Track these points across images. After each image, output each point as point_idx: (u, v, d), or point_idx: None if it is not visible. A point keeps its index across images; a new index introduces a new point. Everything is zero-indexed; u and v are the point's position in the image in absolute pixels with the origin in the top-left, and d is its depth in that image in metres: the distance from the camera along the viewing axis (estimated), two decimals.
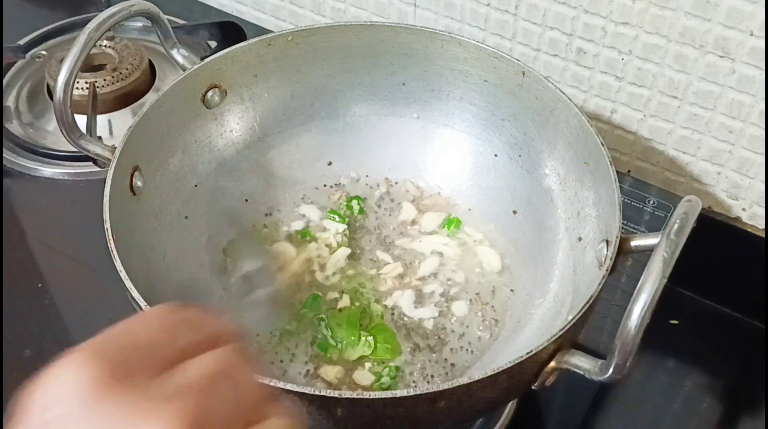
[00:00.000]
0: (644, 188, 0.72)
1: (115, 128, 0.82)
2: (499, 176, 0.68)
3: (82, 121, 0.60)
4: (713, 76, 0.64)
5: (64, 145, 0.64)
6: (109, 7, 0.60)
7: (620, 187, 0.54)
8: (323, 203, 0.70)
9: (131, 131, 0.58)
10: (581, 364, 0.47)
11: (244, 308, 0.63)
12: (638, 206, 0.71)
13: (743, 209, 0.70)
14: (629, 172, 0.74)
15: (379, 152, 0.72)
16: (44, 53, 0.90)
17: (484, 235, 0.68)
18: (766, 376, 0.65)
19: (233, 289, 0.64)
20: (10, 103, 0.85)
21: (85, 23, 0.59)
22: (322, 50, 0.68)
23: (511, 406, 0.61)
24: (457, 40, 0.65)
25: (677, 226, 0.46)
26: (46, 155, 0.79)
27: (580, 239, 0.60)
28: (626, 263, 0.61)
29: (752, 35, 0.60)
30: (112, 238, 0.51)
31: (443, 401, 0.45)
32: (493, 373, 0.45)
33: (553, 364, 0.48)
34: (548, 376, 0.48)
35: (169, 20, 0.65)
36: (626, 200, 0.70)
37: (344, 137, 0.72)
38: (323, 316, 0.62)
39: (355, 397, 0.44)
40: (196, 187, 0.66)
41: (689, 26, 0.62)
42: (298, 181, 0.71)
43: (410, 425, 0.47)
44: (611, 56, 0.68)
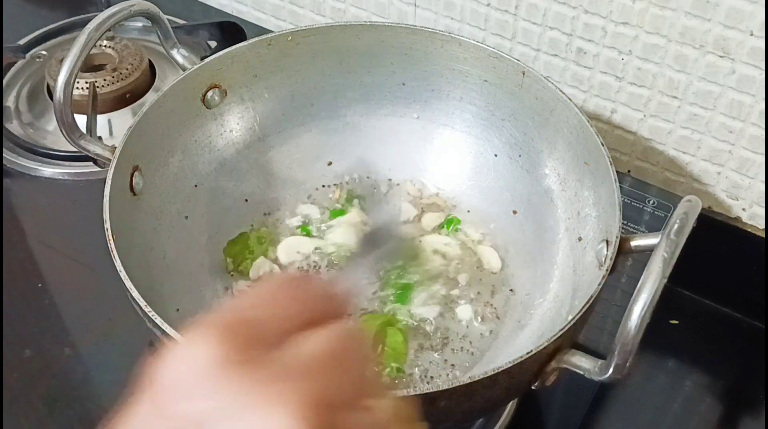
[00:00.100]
0: (644, 188, 0.72)
1: (115, 128, 0.82)
2: (499, 176, 0.68)
3: (82, 121, 0.60)
4: (713, 76, 0.64)
5: (64, 145, 0.64)
6: (109, 7, 0.60)
7: (620, 187, 0.54)
8: (323, 203, 0.70)
9: (131, 131, 0.58)
10: (581, 364, 0.47)
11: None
12: (638, 206, 0.71)
13: (743, 209, 0.70)
14: (629, 172, 0.74)
15: (379, 152, 0.72)
16: (44, 53, 0.90)
17: (483, 235, 0.68)
18: (766, 376, 0.65)
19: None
20: (10, 103, 0.85)
21: (85, 23, 0.59)
22: (322, 50, 0.68)
23: (511, 406, 0.61)
24: (457, 40, 0.65)
25: (677, 226, 0.46)
26: (46, 155, 0.79)
27: (580, 239, 0.60)
28: (626, 263, 0.61)
29: (752, 35, 0.60)
30: (112, 238, 0.51)
31: (443, 401, 0.45)
32: (493, 373, 0.45)
33: (553, 364, 0.48)
34: (548, 376, 0.48)
35: (169, 20, 0.65)
36: (626, 200, 0.70)
37: (344, 137, 0.72)
38: None
39: None
40: (196, 187, 0.66)
41: (689, 26, 0.62)
42: (298, 181, 0.71)
43: None
44: (611, 56, 0.68)
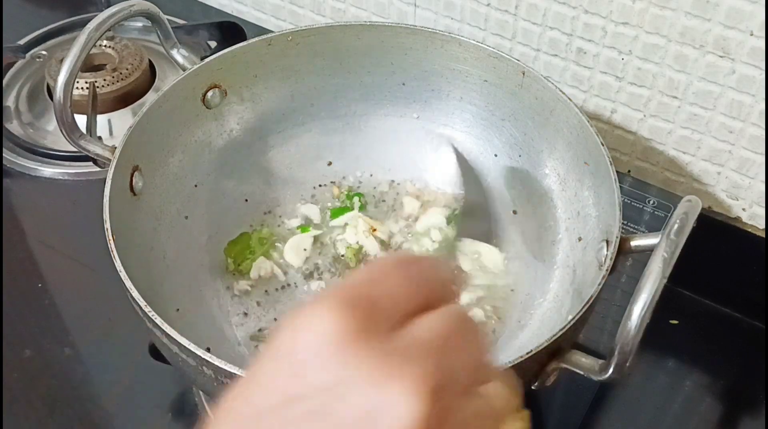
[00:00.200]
0: (644, 188, 0.72)
1: (115, 128, 0.82)
2: (499, 176, 0.68)
3: (82, 121, 0.60)
4: (713, 76, 0.64)
5: (64, 145, 0.64)
6: (109, 7, 0.60)
7: (620, 187, 0.54)
8: (324, 203, 0.70)
9: (131, 131, 0.58)
10: (581, 364, 0.47)
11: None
12: (638, 206, 0.71)
13: (743, 209, 0.70)
14: (629, 172, 0.74)
15: (379, 152, 0.72)
16: (44, 53, 0.90)
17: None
18: (766, 376, 0.65)
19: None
20: (10, 103, 0.85)
21: (85, 23, 0.59)
22: (322, 50, 0.68)
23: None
24: (457, 40, 0.65)
25: (677, 226, 0.46)
26: (46, 155, 0.79)
27: (580, 239, 0.60)
28: (626, 263, 0.61)
29: (752, 35, 0.60)
30: (112, 238, 0.51)
31: None
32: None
33: (553, 364, 0.48)
34: (548, 376, 0.48)
35: (169, 20, 0.65)
36: (626, 200, 0.70)
37: (344, 137, 0.72)
38: None
39: None
40: (196, 187, 0.66)
41: (689, 26, 0.62)
42: (298, 181, 0.71)
43: None
44: (611, 56, 0.68)
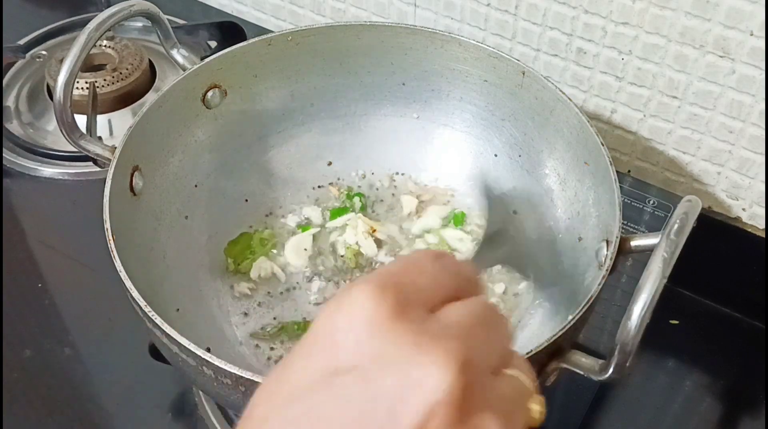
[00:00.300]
0: (644, 188, 0.72)
1: (115, 128, 0.82)
2: (499, 176, 0.68)
3: (82, 121, 0.60)
4: (713, 76, 0.64)
5: (64, 145, 0.64)
6: (109, 7, 0.60)
7: (620, 187, 0.54)
8: (324, 203, 0.70)
9: (131, 131, 0.58)
10: (581, 364, 0.47)
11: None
12: (638, 206, 0.71)
13: (743, 209, 0.70)
14: (629, 172, 0.74)
15: (379, 152, 0.72)
16: (44, 53, 0.90)
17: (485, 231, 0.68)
18: (766, 376, 0.65)
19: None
20: (10, 103, 0.85)
21: (85, 23, 0.59)
22: (322, 50, 0.68)
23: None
24: (457, 40, 0.65)
25: (677, 226, 0.46)
26: (46, 155, 0.79)
27: (580, 239, 0.60)
28: (626, 263, 0.61)
29: (752, 35, 0.60)
30: (112, 238, 0.51)
31: None
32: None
33: (553, 364, 0.48)
34: (548, 376, 0.48)
35: (169, 20, 0.65)
36: (626, 200, 0.70)
37: (344, 137, 0.72)
38: None
39: None
40: (196, 187, 0.66)
41: (689, 26, 0.62)
42: (298, 181, 0.71)
43: None
44: (611, 56, 0.68)
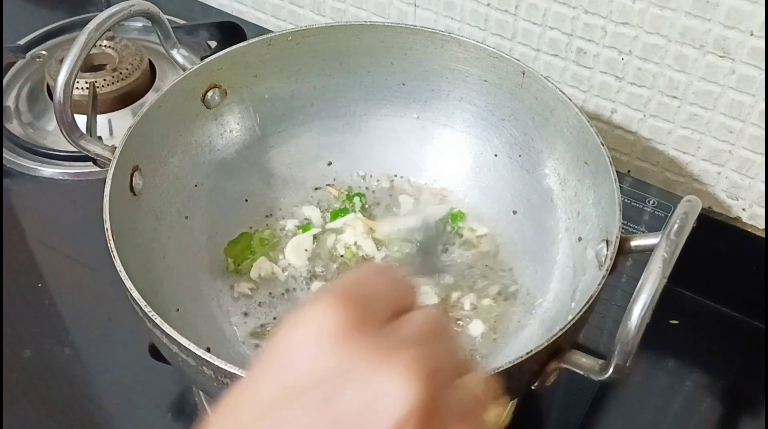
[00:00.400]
0: (644, 188, 0.72)
1: (115, 128, 0.82)
2: (499, 176, 0.68)
3: (82, 121, 0.60)
4: (713, 76, 0.64)
5: (64, 145, 0.64)
6: (109, 7, 0.60)
7: (620, 187, 0.54)
8: (324, 203, 0.70)
9: (131, 131, 0.58)
10: (581, 364, 0.47)
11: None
12: (638, 206, 0.71)
13: (743, 209, 0.70)
14: (629, 172, 0.74)
15: (379, 152, 0.72)
16: (44, 53, 0.90)
17: (486, 233, 0.68)
18: (766, 376, 0.65)
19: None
20: (10, 103, 0.85)
21: (85, 23, 0.59)
22: (322, 50, 0.68)
23: (511, 406, 0.61)
24: (457, 40, 0.65)
25: (677, 226, 0.46)
26: (46, 155, 0.79)
27: (580, 239, 0.60)
28: (626, 263, 0.61)
29: (752, 35, 0.60)
30: (112, 238, 0.51)
31: None
32: (492, 373, 0.45)
33: (553, 364, 0.48)
34: (548, 376, 0.48)
35: (169, 20, 0.65)
36: (626, 200, 0.70)
37: (344, 137, 0.72)
38: None
39: None
40: (196, 187, 0.66)
41: (689, 26, 0.62)
42: (298, 181, 0.71)
43: None
44: (611, 56, 0.68)
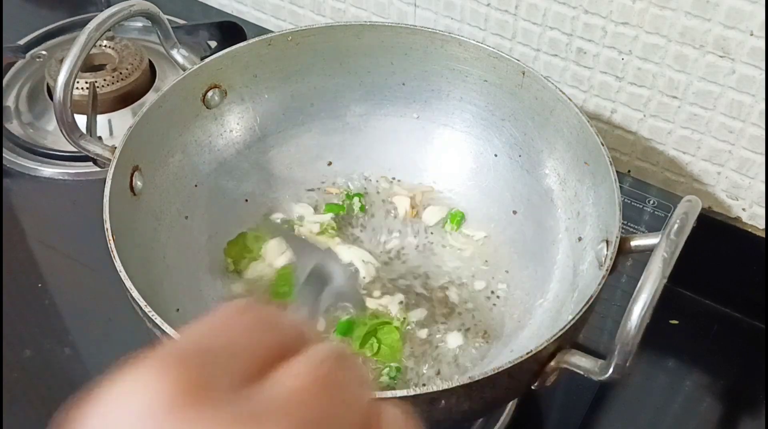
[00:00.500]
0: (644, 188, 0.72)
1: (115, 128, 0.81)
2: (499, 176, 0.68)
3: (82, 121, 0.60)
4: (713, 76, 0.64)
5: (64, 145, 0.64)
6: (109, 7, 0.60)
7: (620, 187, 0.54)
8: (323, 203, 0.70)
9: (131, 131, 0.58)
10: (581, 364, 0.47)
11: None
12: (638, 206, 0.71)
13: (743, 209, 0.70)
14: (629, 172, 0.74)
15: (379, 152, 0.72)
16: (44, 53, 0.90)
17: (486, 233, 0.68)
18: (766, 376, 0.65)
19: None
20: (10, 103, 0.85)
21: (85, 23, 0.59)
22: (322, 50, 0.68)
23: (511, 406, 0.61)
24: (457, 40, 0.65)
25: (677, 226, 0.46)
26: (46, 155, 0.79)
27: (580, 239, 0.60)
28: (626, 263, 0.61)
29: (752, 35, 0.60)
30: (112, 238, 0.51)
31: (443, 401, 0.45)
32: (493, 373, 0.45)
33: (553, 364, 0.48)
34: (548, 376, 0.48)
35: (169, 20, 0.65)
36: (626, 200, 0.70)
37: (344, 137, 0.72)
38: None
39: None
40: (196, 187, 0.66)
41: (689, 26, 0.62)
42: (298, 181, 0.71)
43: None
44: (611, 56, 0.68)
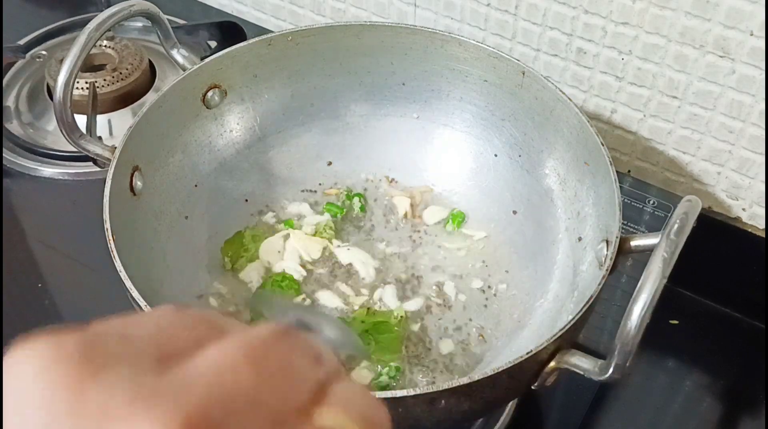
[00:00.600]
0: (644, 188, 0.72)
1: (115, 128, 0.81)
2: (499, 176, 0.68)
3: (82, 121, 0.60)
4: (713, 76, 0.64)
5: (64, 145, 0.64)
6: (109, 7, 0.60)
7: (620, 187, 0.54)
8: (323, 203, 0.70)
9: (131, 131, 0.58)
10: (581, 364, 0.47)
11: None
12: (638, 206, 0.71)
13: (743, 209, 0.70)
14: (629, 172, 0.74)
15: (379, 152, 0.72)
16: (44, 53, 0.90)
17: (486, 233, 0.68)
18: (766, 376, 0.65)
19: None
20: (10, 103, 0.85)
21: (85, 23, 0.59)
22: (322, 50, 0.68)
23: (511, 406, 0.61)
24: (457, 40, 0.65)
25: (677, 226, 0.46)
26: (46, 155, 0.79)
27: (580, 239, 0.60)
28: (626, 263, 0.61)
29: (752, 35, 0.60)
30: (112, 238, 0.51)
31: (443, 401, 0.45)
32: (493, 373, 0.45)
33: (553, 364, 0.48)
34: (548, 376, 0.48)
35: (169, 20, 0.65)
36: (626, 200, 0.70)
37: (344, 137, 0.72)
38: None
39: None
40: (196, 187, 0.66)
41: (689, 26, 0.62)
42: (298, 181, 0.71)
43: (410, 425, 0.47)
44: (611, 56, 0.68)
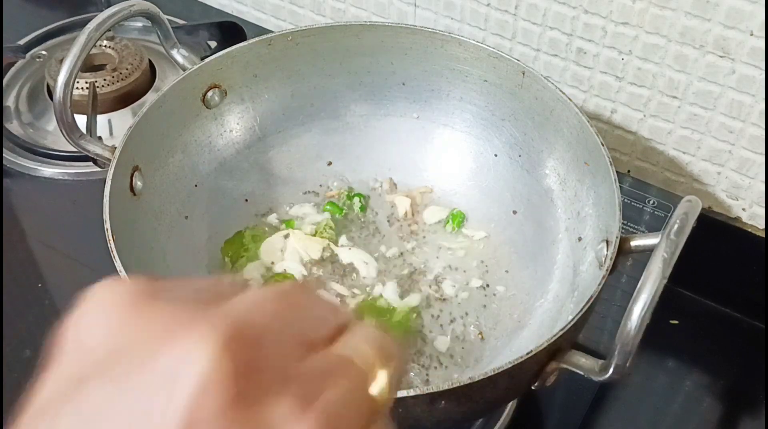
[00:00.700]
0: (644, 188, 0.72)
1: (115, 128, 0.81)
2: (499, 176, 0.68)
3: (82, 121, 0.60)
4: (713, 76, 0.64)
5: (64, 145, 0.64)
6: (109, 7, 0.60)
7: (620, 187, 0.54)
8: (323, 203, 0.70)
9: (131, 131, 0.58)
10: (581, 364, 0.47)
11: None
12: (638, 206, 0.71)
13: (743, 209, 0.70)
14: (629, 172, 0.74)
15: (379, 152, 0.72)
16: (44, 53, 0.90)
17: (486, 233, 0.68)
18: (766, 376, 0.65)
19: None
20: (10, 103, 0.85)
21: (85, 23, 0.59)
22: (322, 50, 0.68)
23: (511, 406, 0.61)
24: (457, 40, 0.65)
25: (677, 226, 0.46)
26: (46, 155, 0.79)
27: (580, 239, 0.60)
28: (626, 263, 0.61)
29: (752, 35, 0.60)
30: (112, 238, 0.51)
31: (443, 401, 0.45)
32: (493, 373, 0.45)
33: (553, 364, 0.48)
34: (548, 376, 0.48)
35: (169, 20, 0.65)
36: (626, 200, 0.70)
37: (344, 137, 0.72)
38: None
39: None
40: (196, 187, 0.66)
41: (689, 26, 0.62)
42: (298, 181, 0.71)
43: (410, 425, 0.47)
44: (611, 56, 0.68)
